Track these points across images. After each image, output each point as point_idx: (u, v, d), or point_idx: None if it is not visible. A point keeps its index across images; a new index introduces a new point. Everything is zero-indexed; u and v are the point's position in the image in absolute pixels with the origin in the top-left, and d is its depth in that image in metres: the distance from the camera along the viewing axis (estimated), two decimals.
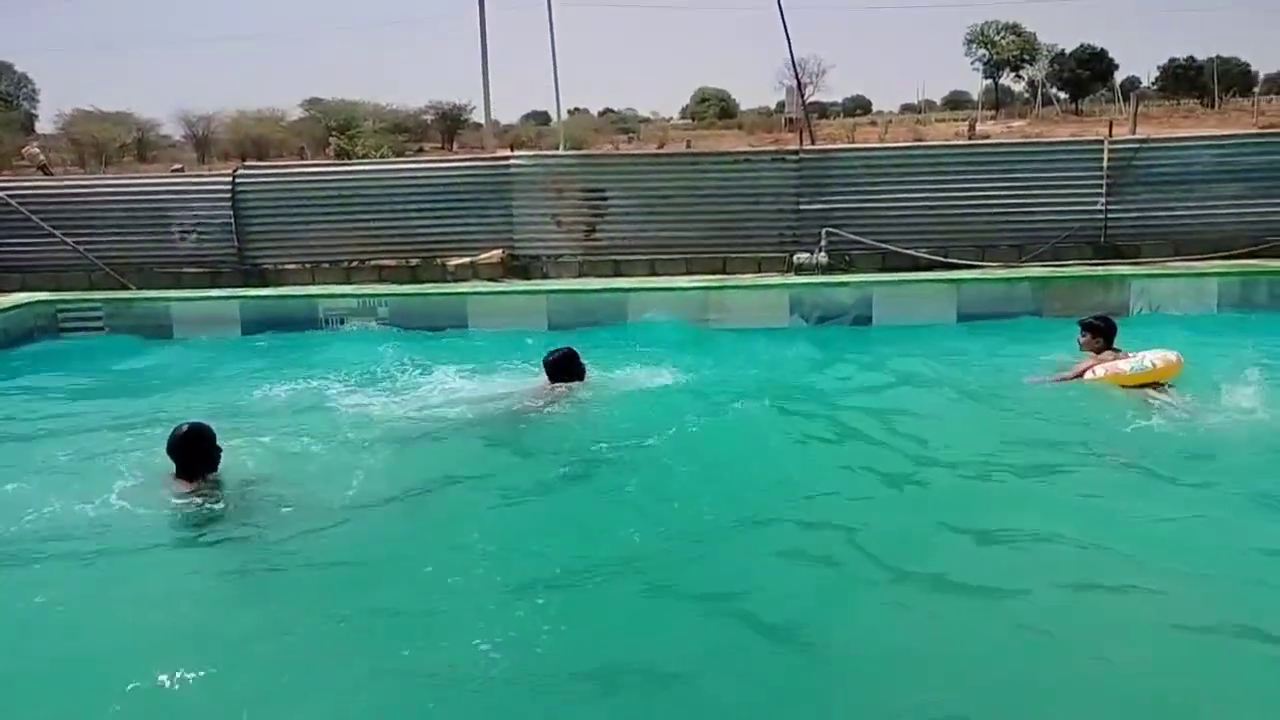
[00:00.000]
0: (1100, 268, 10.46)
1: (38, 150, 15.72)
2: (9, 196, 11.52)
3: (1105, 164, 10.82)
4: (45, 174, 13.62)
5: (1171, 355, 6.76)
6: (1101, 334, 7.23)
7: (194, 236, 11.44)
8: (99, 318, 10.36)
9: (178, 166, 18.37)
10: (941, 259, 10.79)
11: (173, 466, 5.25)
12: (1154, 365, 6.75)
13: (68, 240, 11.42)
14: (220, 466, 5.37)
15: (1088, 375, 7.00)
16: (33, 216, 11.42)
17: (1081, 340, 7.29)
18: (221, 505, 5.11)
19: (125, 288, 11.21)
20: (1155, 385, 6.72)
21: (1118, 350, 7.10)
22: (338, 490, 5.44)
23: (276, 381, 7.93)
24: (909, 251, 10.85)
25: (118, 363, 9.23)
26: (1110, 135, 11.34)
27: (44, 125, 56.85)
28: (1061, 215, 10.94)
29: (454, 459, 6.03)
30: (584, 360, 7.08)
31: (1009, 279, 10.14)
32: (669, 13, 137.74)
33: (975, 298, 9.83)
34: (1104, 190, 10.85)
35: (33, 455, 6.33)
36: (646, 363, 7.96)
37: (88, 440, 6.60)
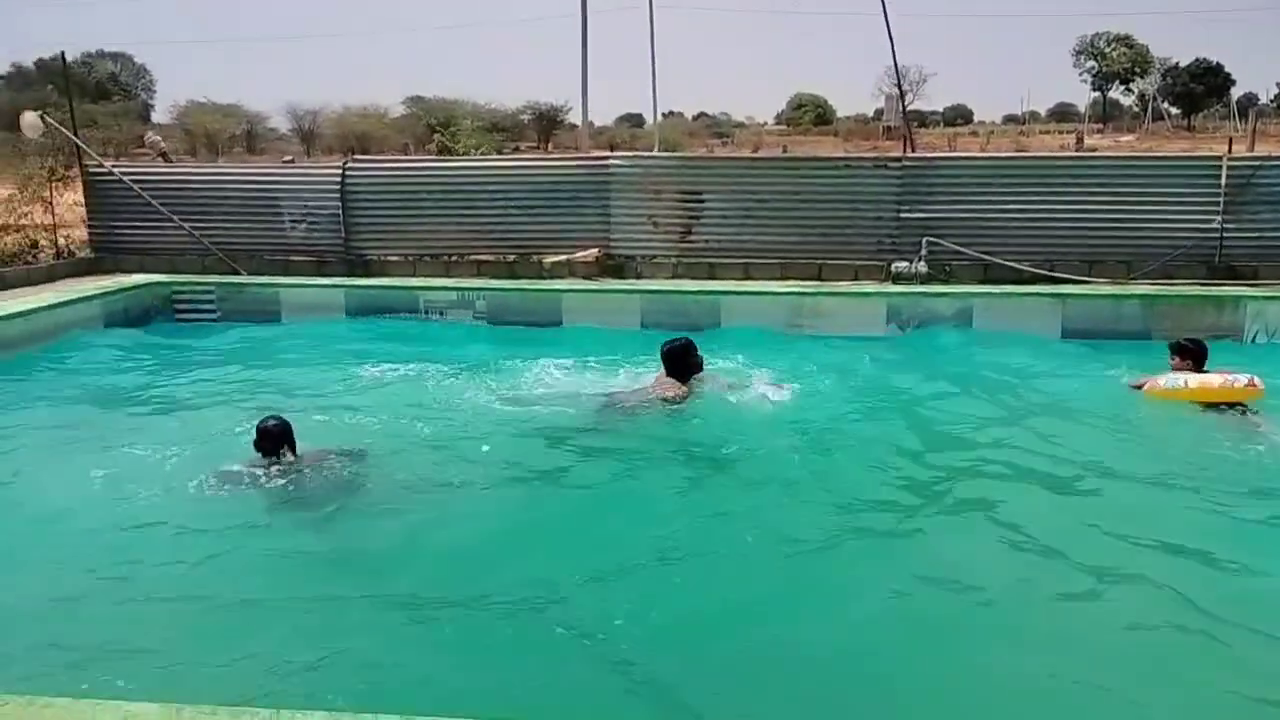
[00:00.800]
0: (1214, 288, 10.10)
1: (159, 138, 16.36)
2: (132, 181, 12.02)
3: (1223, 181, 10.44)
4: (165, 161, 14.17)
5: (1213, 380, 6.80)
6: (1190, 355, 7.20)
7: (304, 225, 11.80)
8: (211, 301, 10.76)
9: (288, 158, 18.92)
10: (1046, 273, 10.53)
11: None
12: (1185, 385, 6.85)
13: (184, 225, 11.87)
14: (307, 448, 5.61)
15: (1155, 386, 7.09)
16: (152, 201, 11.90)
17: (1172, 362, 7.29)
18: (304, 481, 5.34)
19: (236, 273, 11.61)
20: (1232, 406, 6.70)
21: (1205, 373, 7.04)
22: (429, 473, 5.61)
23: (377, 369, 8.17)
24: (1012, 264, 10.62)
25: (227, 344, 9.57)
26: (1230, 152, 10.94)
27: (159, 115, 59.39)
28: (1174, 233, 10.58)
29: (548, 449, 6.10)
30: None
31: (1117, 295, 9.85)
32: (767, 17, 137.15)
33: (1081, 314, 9.58)
34: (1221, 208, 10.47)
35: (144, 426, 6.65)
36: (754, 365, 7.90)
37: (194, 415, 6.92)
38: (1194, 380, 6.89)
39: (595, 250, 11.46)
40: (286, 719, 2.52)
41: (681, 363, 6.76)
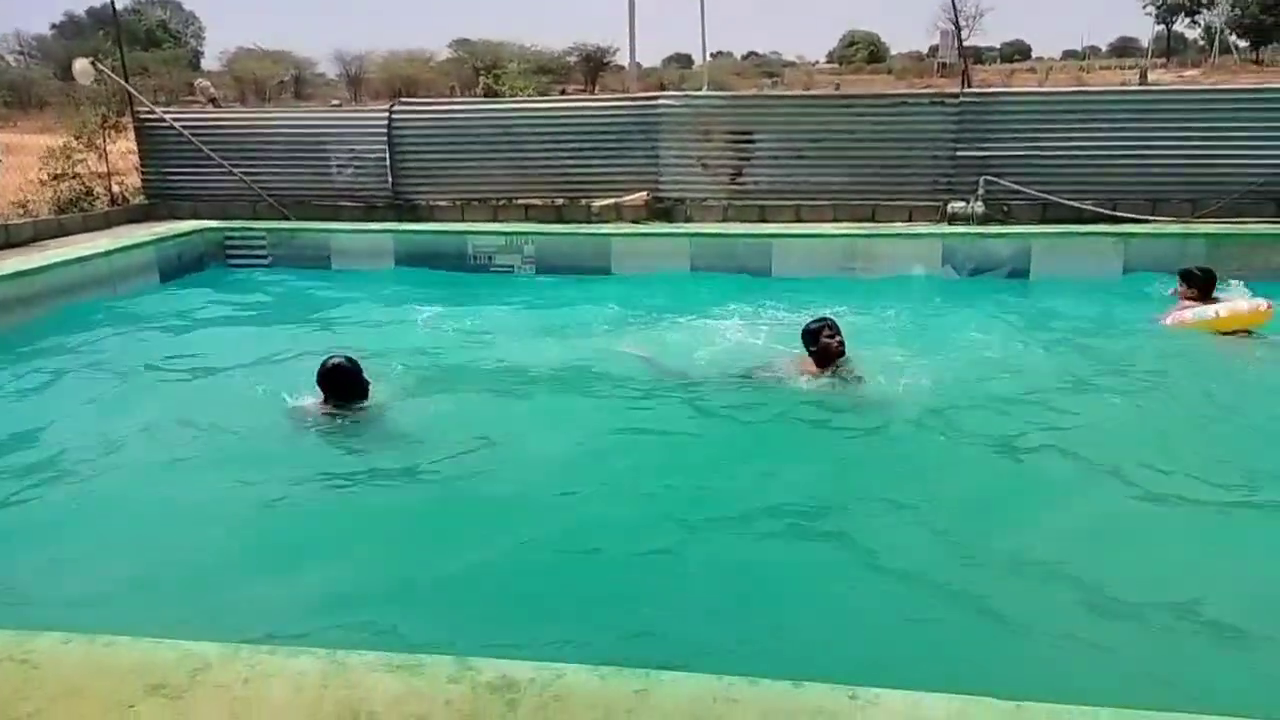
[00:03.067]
0: None
1: (209, 84, 16.43)
2: (183, 127, 12.09)
3: None
4: (215, 107, 14.24)
5: (1242, 305, 7.00)
6: (1198, 284, 7.48)
7: (350, 171, 11.79)
8: (263, 247, 10.83)
9: (336, 102, 18.93)
10: (1108, 212, 10.22)
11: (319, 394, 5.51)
12: (1245, 310, 6.95)
13: (235, 171, 11.93)
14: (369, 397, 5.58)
15: (1175, 319, 7.23)
16: (203, 147, 11.96)
17: (1180, 290, 7.60)
18: (360, 429, 5.33)
19: (286, 219, 11.67)
20: (1246, 333, 6.91)
21: (1216, 299, 7.33)
22: (484, 426, 5.53)
23: (430, 316, 8.17)
24: (1073, 203, 10.32)
25: (281, 290, 9.66)
26: None
27: (209, 62, 59.80)
28: (1242, 169, 10.19)
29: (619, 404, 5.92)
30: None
31: (1182, 234, 9.53)
32: None
33: (1144, 253, 9.28)
34: None
35: (200, 373, 6.73)
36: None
37: (251, 361, 6.97)
38: (1224, 309, 7.04)
39: (643, 193, 11.33)
40: (341, 659, 2.53)
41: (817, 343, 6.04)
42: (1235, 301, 7.12)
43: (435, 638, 3.19)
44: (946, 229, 10.12)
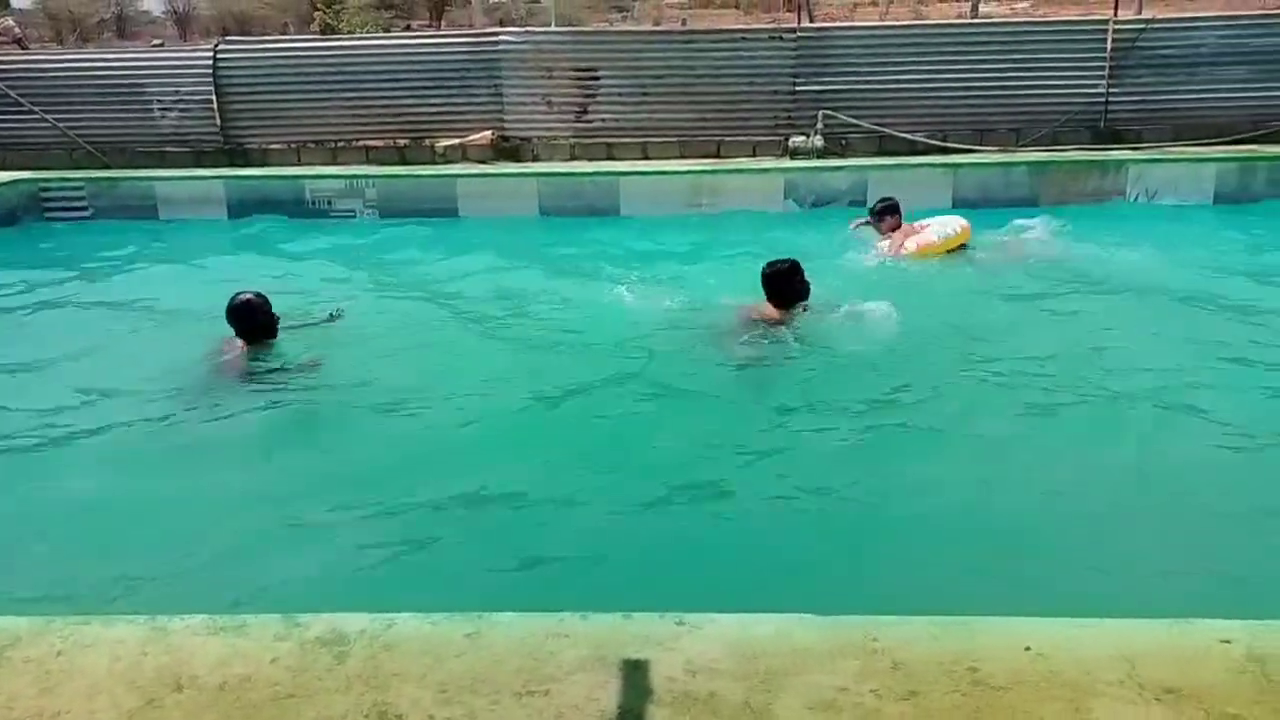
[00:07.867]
0: (1098, 153, 10.30)
1: (12, 23, 15.19)
2: None
3: (1109, 45, 10.55)
4: (21, 48, 13.21)
5: (964, 221, 7.47)
6: (899, 213, 7.79)
7: (175, 114, 11.14)
8: (82, 198, 10.19)
9: (158, 42, 17.83)
10: (939, 143, 10.60)
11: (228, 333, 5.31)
12: (958, 231, 7.38)
13: (47, 117, 11.14)
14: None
15: (904, 249, 7.41)
16: (10, 92, 11.11)
17: (883, 225, 7.78)
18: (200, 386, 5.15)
19: (107, 167, 10.99)
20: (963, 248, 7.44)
21: (911, 225, 7.62)
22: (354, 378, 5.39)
23: (264, 266, 7.87)
24: (906, 135, 10.65)
25: (104, 245, 9.09)
26: (1115, 15, 11.01)
27: (19, 0, 55.23)
28: (1061, 98, 10.70)
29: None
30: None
31: (1006, 163, 9.99)
32: None
33: (971, 182, 9.70)
34: (1106, 73, 10.60)
35: (13, 338, 6.34)
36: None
37: (72, 322, 6.62)
38: (958, 226, 7.42)
39: (488, 133, 11.13)
40: (162, 624, 2.48)
41: (787, 288, 5.63)
42: (952, 221, 7.54)
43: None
44: (788, 163, 10.32)
